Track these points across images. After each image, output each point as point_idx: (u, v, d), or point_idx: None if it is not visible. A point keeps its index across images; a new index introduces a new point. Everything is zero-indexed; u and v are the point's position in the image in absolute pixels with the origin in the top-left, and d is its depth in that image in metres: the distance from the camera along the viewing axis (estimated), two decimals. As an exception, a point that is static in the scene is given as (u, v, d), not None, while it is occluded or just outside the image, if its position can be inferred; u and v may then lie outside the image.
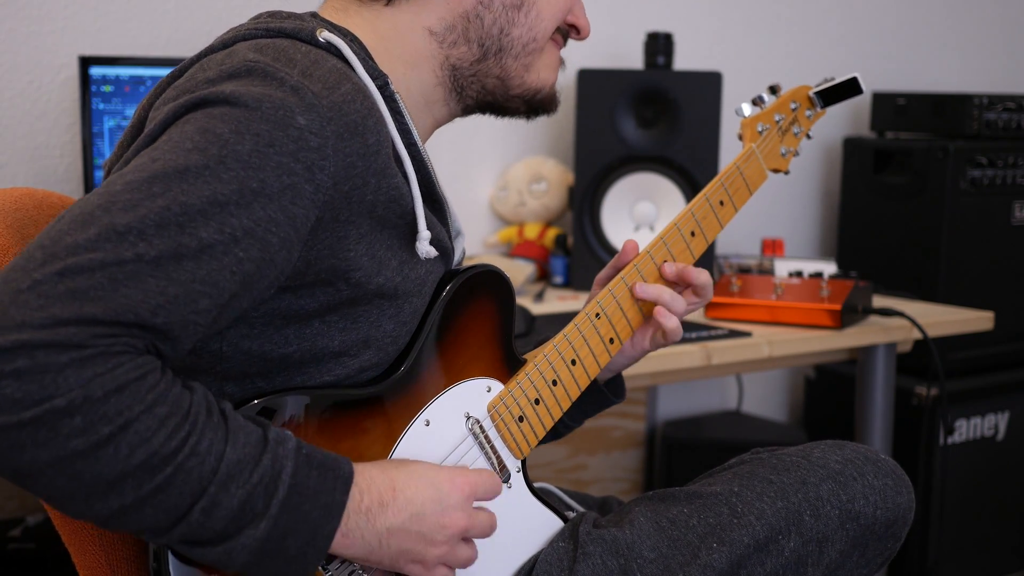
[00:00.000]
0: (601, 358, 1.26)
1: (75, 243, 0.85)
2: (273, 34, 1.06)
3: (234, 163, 0.91)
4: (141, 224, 0.87)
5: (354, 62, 1.05)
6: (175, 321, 0.88)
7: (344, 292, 1.02)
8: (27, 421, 0.81)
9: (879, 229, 2.77)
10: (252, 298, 0.96)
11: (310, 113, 0.95)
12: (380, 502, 0.99)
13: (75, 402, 0.82)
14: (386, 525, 0.99)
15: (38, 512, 2.04)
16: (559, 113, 2.72)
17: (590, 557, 1.16)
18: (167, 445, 0.86)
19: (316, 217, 0.97)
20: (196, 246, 0.89)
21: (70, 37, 2.12)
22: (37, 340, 0.81)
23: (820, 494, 1.20)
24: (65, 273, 0.84)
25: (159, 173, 0.90)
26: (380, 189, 1.02)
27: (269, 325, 1.02)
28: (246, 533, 0.90)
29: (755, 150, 1.43)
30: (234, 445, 0.89)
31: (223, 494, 0.88)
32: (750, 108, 1.45)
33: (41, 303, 0.82)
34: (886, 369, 2.23)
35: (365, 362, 1.06)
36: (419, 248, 1.07)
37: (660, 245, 1.30)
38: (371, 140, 1.00)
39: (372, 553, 0.99)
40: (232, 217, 0.91)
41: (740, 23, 2.87)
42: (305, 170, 0.94)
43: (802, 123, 1.50)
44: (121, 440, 0.84)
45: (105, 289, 0.84)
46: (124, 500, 0.86)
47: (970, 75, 3.25)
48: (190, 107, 0.96)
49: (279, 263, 0.95)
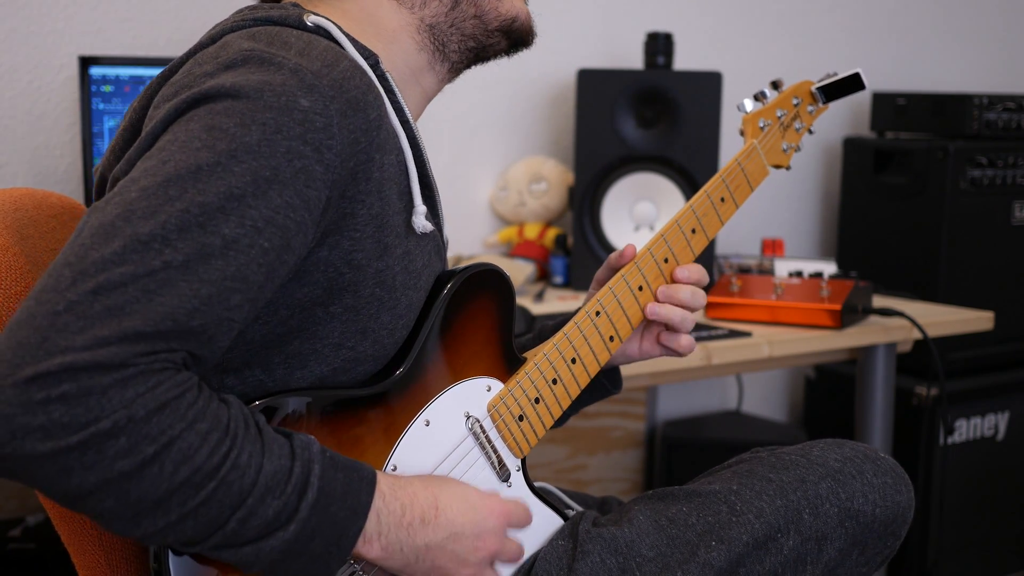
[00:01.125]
0: (601, 356, 1.27)
1: (102, 258, 0.86)
2: (261, 22, 1.07)
3: (244, 155, 0.92)
4: (163, 230, 0.88)
5: (344, 42, 1.06)
6: (211, 321, 0.89)
7: (346, 276, 1.02)
8: (75, 445, 0.82)
9: (879, 229, 2.77)
10: (273, 287, 0.96)
11: (312, 94, 0.96)
12: (422, 519, 1.01)
13: (119, 423, 0.83)
14: (425, 541, 1.01)
15: (38, 512, 2.04)
16: (559, 113, 2.72)
17: (589, 555, 1.16)
18: (210, 461, 0.87)
19: (327, 197, 0.97)
20: (221, 243, 0.89)
21: (70, 37, 2.12)
22: (81, 363, 0.82)
23: (819, 492, 1.20)
24: (99, 291, 0.84)
25: (172, 176, 0.90)
26: (384, 165, 1.03)
27: (273, 316, 1.02)
28: (276, 536, 0.91)
29: (757, 146, 1.42)
30: (270, 457, 0.91)
31: (260, 505, 0.90)
32: (752, 104, 1.44)
33: (81, 324, 0.83)
34: (886, 369, 2.23)
35: (363, 354, 1.06)
36: (415, 222, 1.08)
37: (661, 242, 1.31)
38: (372, 115, 1.00)
39: (408, 567, 1.01)
40: (251, 208, 0.91)
41: (740, 23, 2.87)
42: (314, 151, 0.95)
43: (804, 118, 1.49)
44: (166, 458, 0.85)
45: (141, 302, 0.85)
46: (170, 518, 0.87)
47: (970, 75, 3.25)
48: (191, 103, 0.96)
49: (296, 247, 0.96)
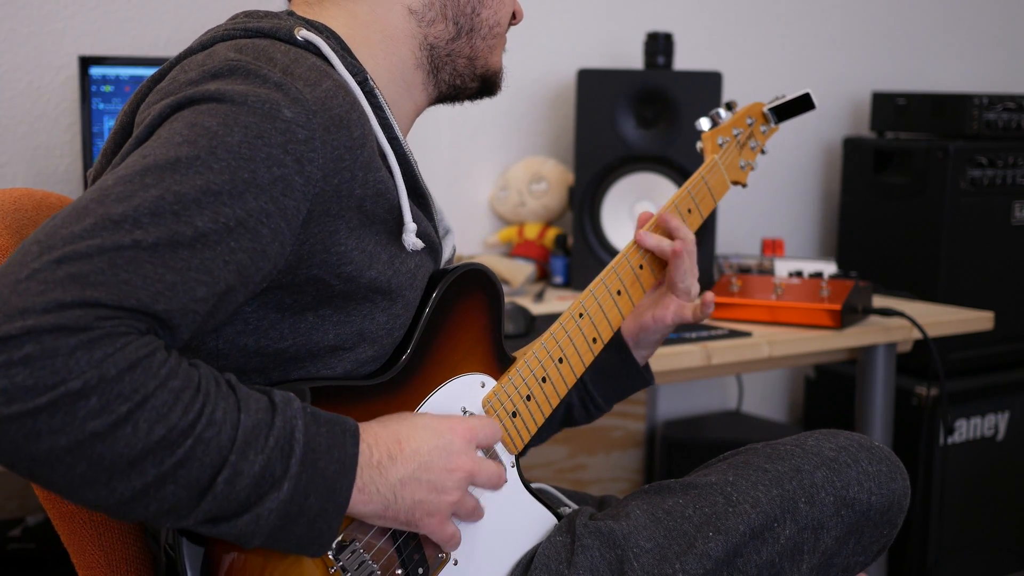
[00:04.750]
0: (585, 356, 1.30)
1: (71, 233, 0.85)
2: (251, 34, 1.07)
3: (224, 154, 0.92)
4: (136, 212, 0.87)
5: (333, 59, 1.06)
6: (175, 309, 0.88)
7: (337, 287, 1.03)
8: (43, 407, 0.80)
9: (879, 229, 2.77)
10: (248, 292, 0.96)
11: (296, 107, 0.96)
12: (389, 455, 1.00)
13: (90, 383, 0.82)
14: (397, 477, 1.00)
15: (38, 512, 2.04)
16: (559, 113, 2.73)
17: (588, 550, 1.16)
18: (184, 418, 0.86)
19: (307, 210, 0.97)
20: (191, 234, 0.89)
21: (70, 37, 2.12)
22: (43, 325, 0.81)
23: (815, 481, 1.20)
24: (63, 260, 0.84)
25: (151, 166, 0.91)
26: (367, 183, 1.03)
27: (264, 320, 1.02)
28: (270, 498, 0.90)
29: (718, 161, 1.50)
30: (247, 412, 0.90)
31: (243, 462, 0.88)
32: (708, 123, 1.52)
33: (42, 289, 0.82)
34: (886, 369, 2.23)
35: (361, 356, 1.07)
36: (406, 240, 1.08)
37: (635, 249, 1.38)
38: (356, 133, 1.01)
39: (388, 508, 1.00)
40: (225, 207, 0.91)
41: (740, 23, 2.87)
42: (295, 162, 0.95)
43: (758, 137, 1.57)
44: (139, 417, 0.83)
45: (105, 274, 0.84)
46: (146, 479, 0.85)
47: (970, 75, 3.25)
48: (175, 107, 0.97)
49: (271, 255, 0.96)
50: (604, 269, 1.35)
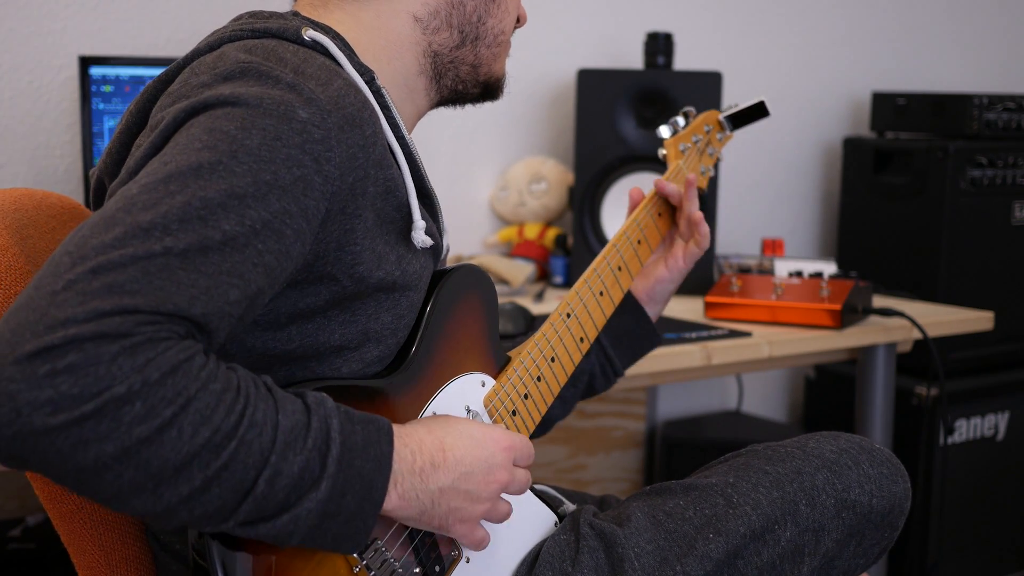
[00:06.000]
0: (575, 356, 1.34)
1: (102, 243, 0.86)
2: (259, 34, 1.07)
3: (245, 157, 0.92)
4: (164, 220, 0.88)
5: (341, 59, 1.06)
6: (211, 312, 0.88)
7: (347, 287, 1.03)
8: (89, 414, 0.80)
9: (879, 229, 2.77)
10: (272, 293, 0.97)
11: (310, 107, 0.97)
12: (432, 462, 1.01)
13: (133, 387, 0.82)
14: (438, 485, 1.01)
15: (38, 512, 2.04)
16: (559, 113, 2.72)
17: (592, 550, 1.17)
18: (227, 420, 0.86)
19: (326, 209, 0.98)
20: (220, 238, 0.89)
21: (70, 37, 2.12)
22: (84, 333, 0.81)
23: (815, 483, 1.20)
24: (98, 270, 0.84)
25: (174, 173, 0.91)
26: (379, 181, 1.03)
27: (272, 322, 1.02)
28: (309, 497, 0.90)
29: (682, 166, 1.55)
30: (284, 413, 0.90)
31: (283, 463, 0.88)
32: (668, 130, 1.57)
33: (80, 299, 0.82)
34: (886, 369, 2.23)
35: (367, 356, 1.07)
36: (415, 238, 1.08)
37: (614, 252, 1.42)
38: (368, 132, 1.01)
39: (424, 514, 1.01)
40: (250, 209, 0.91)
41: (740, 23, 2.87)
42: (313, 162, 0.96)
43: (715, 144, 1.62)
44: (183, 420, 0.84)
45: (140, 282, 0.84)
46: (193, 484, 0.85)
47: (970, 75, 3.25)
48: (191, 112, 0.97)
49: (295, 256, 0.96)
50: (587, 270, 1.39)
